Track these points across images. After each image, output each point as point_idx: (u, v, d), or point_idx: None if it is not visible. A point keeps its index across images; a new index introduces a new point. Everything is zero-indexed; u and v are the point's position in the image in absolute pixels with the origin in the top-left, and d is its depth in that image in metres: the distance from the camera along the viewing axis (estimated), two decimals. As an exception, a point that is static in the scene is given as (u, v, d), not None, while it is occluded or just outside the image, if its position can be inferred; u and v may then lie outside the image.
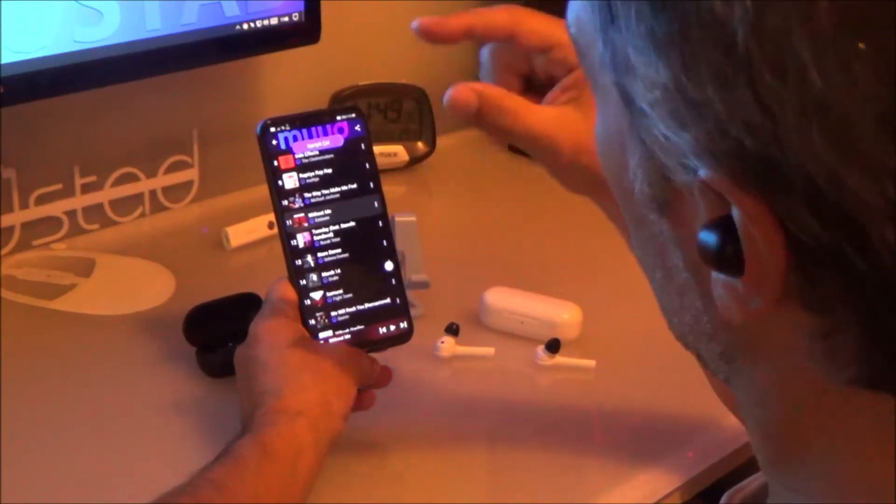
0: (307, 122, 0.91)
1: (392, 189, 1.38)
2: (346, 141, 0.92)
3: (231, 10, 1.15)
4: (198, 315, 1.02)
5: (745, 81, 0.37)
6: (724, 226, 0.40)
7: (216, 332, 1.00)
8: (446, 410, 0.99)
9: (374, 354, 0.90)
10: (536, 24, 0.78)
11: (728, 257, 0.41)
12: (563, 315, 1.07)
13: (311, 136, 0.91)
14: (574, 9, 0.48)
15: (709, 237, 0.41)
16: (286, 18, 1.19)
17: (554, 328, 1.06)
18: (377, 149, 1.41)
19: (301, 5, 1.19)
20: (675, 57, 0.39)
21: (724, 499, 0.57)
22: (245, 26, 1.16)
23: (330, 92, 1.38)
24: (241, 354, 0.87)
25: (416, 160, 1.44)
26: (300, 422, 0.80)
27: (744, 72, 0.37)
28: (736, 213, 0.40)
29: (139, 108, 1.27)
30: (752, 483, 0.56)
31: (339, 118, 0.92)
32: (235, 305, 1.02)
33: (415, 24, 0.78)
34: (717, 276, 0.42)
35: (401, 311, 0.91)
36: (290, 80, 1.37)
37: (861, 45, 0.35)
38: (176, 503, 0.74)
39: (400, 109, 1.43)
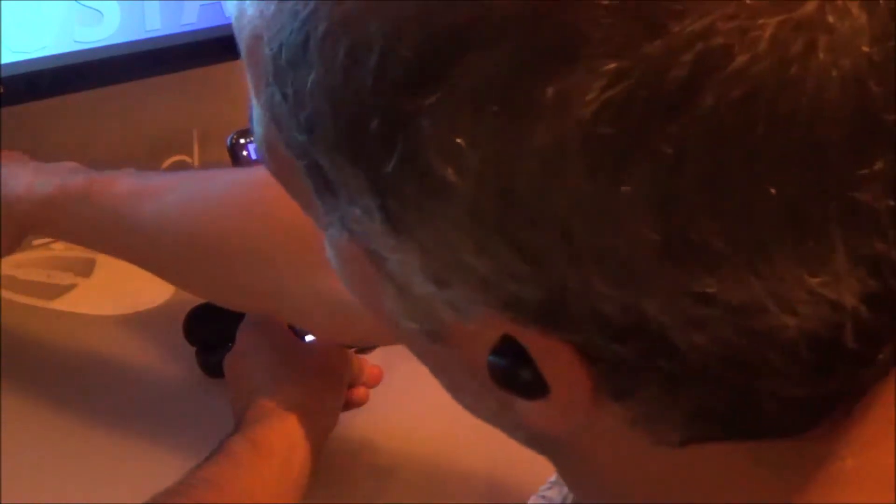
0: None
1: (392, 189, 1.38)
2: None
3: (231, 10, 1.15)
4: (198, 315, 1.02)
5: (504, 242, 0.33)
6: (513, 352, 0.36)
7: (216, 332, 1.00)
8: (445, 410, 0.99)
9: (363, 356, 0.91)
10: None
11: (527, 381, 0.37)
12: (563, 315, 1.07)
13: None
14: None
15: (499, 364, 0.37)
16: (286, 18, 1.19)
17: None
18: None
19: (301, 5, 1.19)
20: (415, 241, 0.35)
21: None
22: (245, 26, 1.16)
23: (330, 92, 1.38)
24: (231, 359, 0.88)
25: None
26: (291, 418, 0.80)
27: (498, 233, 0.33)
28: (523, 340, 0.36)
29: (139, 108, 1.27)
30: None
31: None
32: (235, 305, 1.02)
33: None
34: (521, 402, 0.38)
35: None
36: (290, 80, 1.37)
37: (624, 189, 0.31)
38: (169, 503, 0.74)
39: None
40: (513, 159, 0.32)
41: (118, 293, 1.14)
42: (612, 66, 0.31)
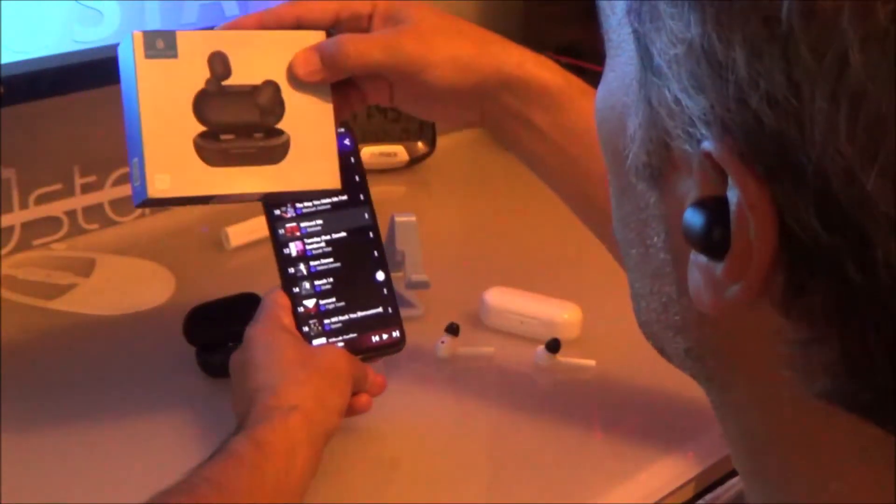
0: None
1: (392, 189, 1.38)
2: None
3: (231, 10, 1.15)
4: (198, 315, 1.02)
5: (779, 51, 0.35)
6: (715, 206, 0.38)
7: (216, 332, 1.00)
8: (446, 410, 0.99)
9: (368, 363, 0.91)
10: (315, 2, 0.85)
11: (713, 239, 0.38)
12: (563, 315, 1.07)
13: None
14: None
15: (697, 215, 0.39)
16: (286, 18, 1.19)
17: (554, 328, 1.06)
18: (378, 148, 1.42)
19: (301, 5, 1.19)
20: (710, 13, 0.37)
21: None
22: (245, 26, 1.16)
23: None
24: (236, 358, 0.88)
25: (416, 160, 1.44)
26: (295, 416, 0.80)
27: (780, 41, 0.35)
28: (732, 193, 0.37)
29: (139, 108, 1.26)
30: (726, 492, 0.55)
31: None
32: (235, 305, 1.02)
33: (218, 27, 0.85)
34: (695, 259, 0.40)
35: (393, 320, 0.92)
36: (290, 80, 1.37)
37: None
38: (172, 502, 0.74)
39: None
40: None
41: (118, 293, 1.14)
42: None
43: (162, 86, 0.80)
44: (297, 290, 0.90)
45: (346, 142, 0.93)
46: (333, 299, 0.91)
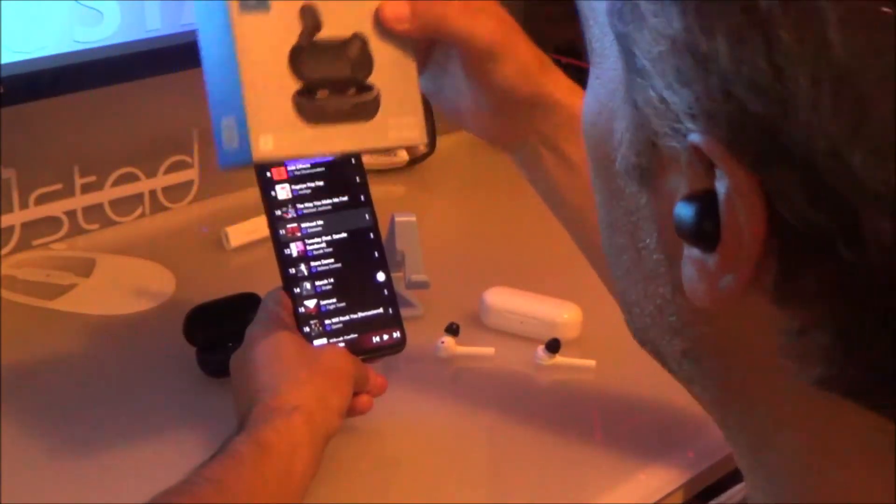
0: None
1: (392, 189, 1.39)
2: None
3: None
4: (198, 315, 1.02)
5: (760, 37, 0.35)
6: (704, 199, 0.39)
7: (216, 332, 1.00)
8: (446, 410, 0.99)
9: (368, 364, 0.91)
10: None
11: (704, 232, 0.39)
12: (563, 315, 1.07)
13: None
14: None
15: (687, 208, 0.39)
16: (286, 18, 1.19)
17: (554, 328, 1.06)
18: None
19: (301, 5, 1.19)
20: (691, 6, 0.37)
21: None
22: (245, 26, 1.16)
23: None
24: (237, 358, 0.88)
25: (416, 160, 1.44)
26: (296, 417, 0.80)
27: (760, 27, 0.35)
28: (721, 184, 0.38)
29: (139, 108, 1.27)
30: (733, 497, 0.55)
31: None
32: (235, 305, 1.02)
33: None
34: (688, 253, 0.40)
35: (394, 320, 0.92)
36: (290, 80, 1.37)
37: (886, 11, 0.34)
38: (173, 502, 0.74)
39: (400, 109, 1.43)
40: None
41: (118, 293, 1.14)
42: None
43: (258, 41, 0.77)
44: (297, 290, 0.90)
45: None
46: (334, 300, 0.91)
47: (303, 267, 0.90)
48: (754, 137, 0.36)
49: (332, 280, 0.91)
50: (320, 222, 0.92)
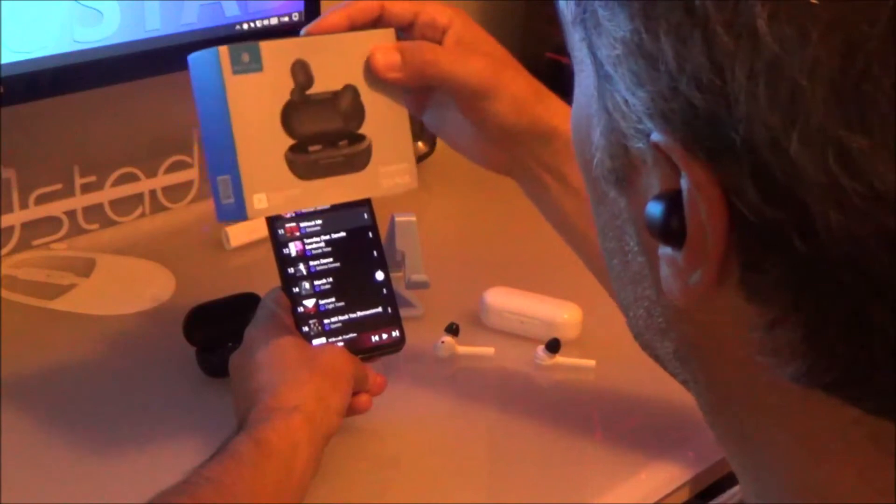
0: None
1: (392, 189, 1.38)
2: None
3: (231, 11, 1.15)
4: (198, 315, 1.02)
5: (700, 37, 0.36)
6: (671, 198, 0.39)
7: (216, 332, 1.00)
8: (446, 410, 0.99)
9: (368, 363, 0.91)
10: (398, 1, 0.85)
11: (671, 229, 0.39)
12: (563, 315, 1.07)
13: None
14: None
15: (656, 207, 0.40)
16: (286, 18, 1.19)
17: (554, 328, 1.06)
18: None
19: (301, 5, 1.19)
20: (637, 8, 0.38)
21: None
22: (245, 26, 1.16)
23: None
24: (237, 359, 0.88)
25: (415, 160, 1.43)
26: (296, 417, 0.80)
27: (699, 25, 0.36)
28: (684, 182, 0.39)
29: (139, 108, 1.27)
30: (733, 497, 0.55)
31: None
32: (235, 305, 1.02)
33: (303, 31, 0.85)
34: (662, 252, 0.41)
35: (393, 320, 0.92)
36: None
37: (814, 1, 0.34)
38: (173, 502, 0.74)
39: (400, 109, 1.43)
40: None
41: (118, 293, 1.14)
42: None
43: (251, 101, 0.80)
44: (296, 290, 0.90)
45: None
46: (333, 299, 0.91)
47: (301, 266, 0.90)
48: (704, 133, 0.37)
49: (330, 279, 0.91)
50: (319, 221, 0.92)
